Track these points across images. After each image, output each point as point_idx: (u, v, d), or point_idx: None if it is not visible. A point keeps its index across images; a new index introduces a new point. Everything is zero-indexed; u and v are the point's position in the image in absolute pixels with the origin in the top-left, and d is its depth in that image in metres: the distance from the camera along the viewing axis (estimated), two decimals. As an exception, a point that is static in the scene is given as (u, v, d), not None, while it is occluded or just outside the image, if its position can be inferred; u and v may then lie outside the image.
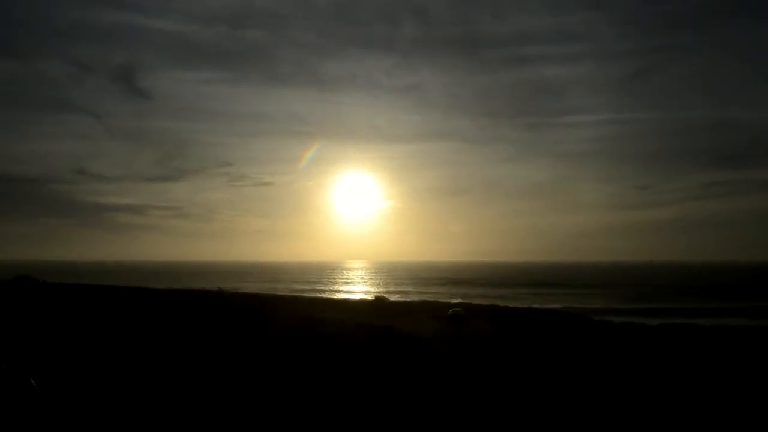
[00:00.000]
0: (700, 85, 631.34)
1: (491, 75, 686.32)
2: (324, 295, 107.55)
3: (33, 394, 16.50)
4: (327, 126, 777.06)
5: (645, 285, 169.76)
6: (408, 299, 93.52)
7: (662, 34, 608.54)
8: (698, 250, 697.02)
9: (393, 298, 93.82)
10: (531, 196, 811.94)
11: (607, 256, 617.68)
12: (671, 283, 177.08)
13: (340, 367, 25.87)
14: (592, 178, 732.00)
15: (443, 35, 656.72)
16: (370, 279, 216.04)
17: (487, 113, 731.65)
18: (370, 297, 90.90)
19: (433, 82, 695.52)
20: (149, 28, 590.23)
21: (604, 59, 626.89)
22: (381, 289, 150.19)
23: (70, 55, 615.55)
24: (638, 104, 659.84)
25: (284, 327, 41.17)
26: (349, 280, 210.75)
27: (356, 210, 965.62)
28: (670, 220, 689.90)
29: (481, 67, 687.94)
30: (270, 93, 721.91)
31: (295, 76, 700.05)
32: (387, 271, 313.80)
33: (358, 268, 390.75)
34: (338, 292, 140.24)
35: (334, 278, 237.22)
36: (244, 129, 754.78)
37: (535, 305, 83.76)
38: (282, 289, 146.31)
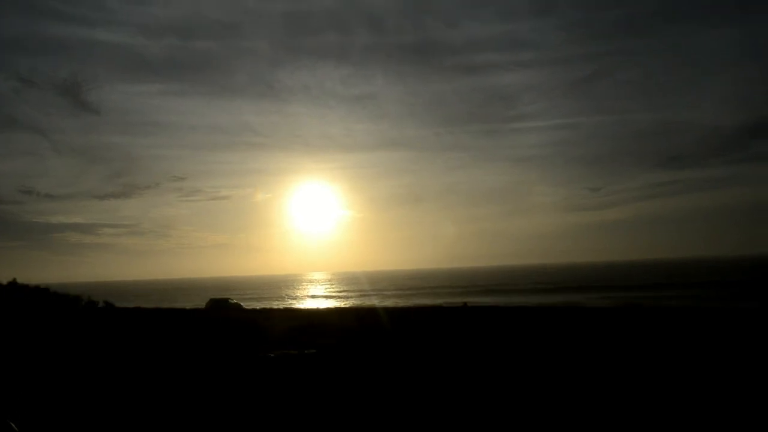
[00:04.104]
0: (648, 88, 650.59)
1: (445, 83, 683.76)
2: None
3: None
4: (281, 137, 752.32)
5: (661, 284, 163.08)
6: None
7: (610, 40, 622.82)
8: (650, 248, 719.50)
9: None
10: (487, 202, 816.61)
11: (565, 258, 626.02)
12: (683, 282, 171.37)
13: None
14: (545, 182, 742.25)
15: (397, 44, 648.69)
16: (371, 291, 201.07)
17: (442, 121, 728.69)
18: None
19: (387, 90, 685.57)
20: (96, 41, 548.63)
21: (554, 65, 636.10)
22: (405, 301, 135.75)
23: (13, 70, 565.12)
24: (588, 108, 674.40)
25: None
26: (348, 293, 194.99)
27: (315, 221, 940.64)
28: (621, 219, 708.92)
29: (435, 75, 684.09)
30: (222, 105, 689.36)
31: (247, 87, 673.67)
32: (360, 282, 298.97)
33: (326, 280, 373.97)
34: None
35: (327, 290, 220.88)
36: (197, 142, 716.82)
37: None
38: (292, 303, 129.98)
